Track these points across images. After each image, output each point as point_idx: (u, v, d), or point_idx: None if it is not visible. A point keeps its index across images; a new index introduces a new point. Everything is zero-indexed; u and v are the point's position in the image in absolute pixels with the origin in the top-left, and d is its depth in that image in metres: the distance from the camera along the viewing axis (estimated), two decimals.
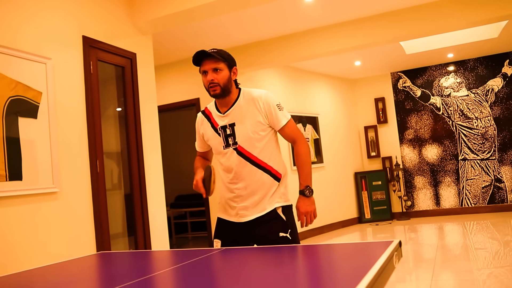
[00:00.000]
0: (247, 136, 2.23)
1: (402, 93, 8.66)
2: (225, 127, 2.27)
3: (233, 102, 2.29)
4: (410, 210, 8.49)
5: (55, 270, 1.90)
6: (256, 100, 2.25)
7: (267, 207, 2.24)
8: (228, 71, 2.26)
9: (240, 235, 2.27)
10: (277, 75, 7.34)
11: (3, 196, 2.93)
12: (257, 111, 2.24)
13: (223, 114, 2.29)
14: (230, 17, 5.12)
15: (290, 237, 2.23)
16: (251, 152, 2.23)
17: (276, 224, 2.23)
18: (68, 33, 3.62)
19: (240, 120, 2.24)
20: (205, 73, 2.25)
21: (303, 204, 2.26)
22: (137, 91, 4.26)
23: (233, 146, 2.25)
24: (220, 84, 2.22)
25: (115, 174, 4.30)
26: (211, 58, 2.22)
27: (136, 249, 4.11)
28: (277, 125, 2.27)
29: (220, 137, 2.29)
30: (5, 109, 3.00)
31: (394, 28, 5.56)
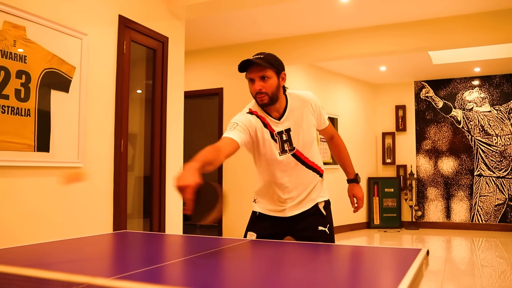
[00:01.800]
0: (304, 140, 2.19)
1: (424, 102, 8.60)
2: (281, 132, 2.16)
3: (284, 107, 2.17)
4: (420, 220, 8.46)
5: (80, 244, 1.93)
6: (309, 102, 2.20)
7: (310, 203, 2.27)
8: (276, 78, 2.09)
9: (277, 228, 2.25)
10: (301, 72, 7.32)
11: (30, 166, 2.97)
12: (311, 114, 2.20)
13: (279, 120, 2.17)
14: (262, 10, 5.11)
15: (328, 232, 2.26)
16: (306, 154, 2.22)
17: (317, 219, 2.27)
18: (105, 11, 3.65)
19: (296, 125, 2.18)
20: (251, 81, 2.10)
21: (358, 190, 2.40)
22: (166, 75, 4.29)
23: (290, 152, 2.18)
24: (268, 93, 2.07)
25: (136, 155, 4.33)
26: (258, 65, 2.06)
27: (151, 230, 4.15)
28: (323, 124, 2.30)
29: (276, 143, 2.17)
30: (39, 80, 3.04)
31: (424, 37, 5.53)
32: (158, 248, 1.94)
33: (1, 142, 2.78)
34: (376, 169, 8.92)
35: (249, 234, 2.28)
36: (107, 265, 1.56)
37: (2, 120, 2.78)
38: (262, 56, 2.07)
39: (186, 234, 2.35)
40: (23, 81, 2.92)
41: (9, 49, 2.85)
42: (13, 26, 2.88)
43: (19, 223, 2.89)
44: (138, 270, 1.29)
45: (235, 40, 6.24)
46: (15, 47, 2.88)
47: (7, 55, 2.83)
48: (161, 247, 1.99)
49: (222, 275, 1.42)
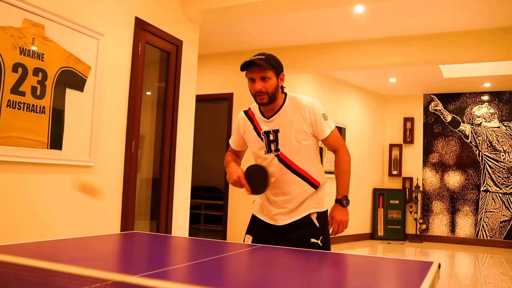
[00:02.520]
0: (290, 144, 2.20)
1: (432, 116, 8.59)
2: (269, 132, 2.23)
3: (278, 107, 2.23)
4: (424, 233, 8.43)
5: (92, 243, 1.94)
6: (303, 108, 2.21)
7: (302, 213, 2.25)
8: (276, 78, 2.18)
9: (273, 236, 2.27)
10: (310, 80, 7.34)
11: (42, 163, 2.99)
12: (303, 120, 2.20)
13: (268, 119, 2.24)
14: (275, 18, 5.13)
15: (321, 244, 2.24)
16: (293, 160, 2.22)
17: (309, 230, 2.24)
18: (122, 12, 3.68)
19: (285, 127, 2.21)
20: (252, 80, 2.18)
21: (338, 213, 2.25)
22: (178, 78, 4.31)
23: (275, 153, 2.22)
24: (268, 93, 2.15)
25: (144, 156, 4.35)
26: (259, 66, 2.14)
27: (157, 232, 4.16)
28: (321, 135, 2.24)
29: (262, 142, 2.25)
30: (55, 78, 3.07)
31: (435, 51, 5.53)
32: (169, 249, 1.95)
33: (16, 138, 2.80)
34: (382, 181, 8.90)
35: (246, 237, 2.33)
36: (125, 264, 1.57)
37: (17, 116, 2.81)
38: (263, 57, 2.16)
39: (192, 237, 2.35)
40: (39, 79, 2.95)
41: (28, 46, 2.88)
42: (32, 24, 2.91)
43: (28, 219, 2.91)
44: (156, 270, 1.30)
45: (247, 46, 6.27)
46: (33, 44, 2.91)
47: (25, 52, 2.86)
48: (171, 248, 1.99)
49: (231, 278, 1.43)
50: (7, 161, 2.76)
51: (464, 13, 4.85)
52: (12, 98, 2.78)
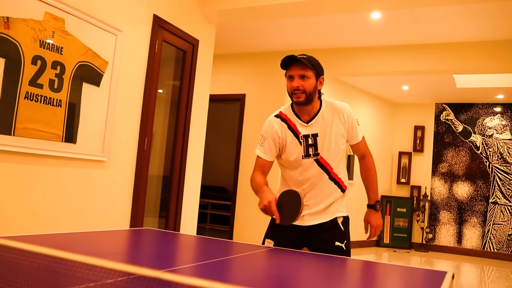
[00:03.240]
0: (330, 148, 2.19)
1: (444, 125, 8.55)
2: (308, 136, 2.19)
3: (316, 111, 2.20)
4: (430, 243, 8.38)
5: (104, 238, 1.95)
6: (341, 112, 2.21)
7: (329, 216, 2.25)
8: (315, 79, 2.15)
9: (295, 238, 2.25)
10: (324, 86, 7.32)
11: (56, 156, 3.01)
12: (341, 124, 2.21)
13: (307, 123, 2.20)
14: (291, 21, 5.13)
15: (345, 248, 2.25)
16: (331, 164, 2.21)
17: (334, 233, 2.25)
18: (141, 9, 3.70)
19: (324, 132, 2.19)
20: (291, 78, 2.15)
21: (373, 218, 2.30)
22: (193, 77, 4.32)
23: (314, 157, 2.20)
24: (306, 92, 2.12)
25: (155, 154, 4.36)
26: (300, 64, 2.12)
27: (166, 229, 4.17)
28: (355, 139, 2.27)
29: (301, 146, 2.20)
30: (73, 72, 3.08)
31: (450, 60, 5.51)
32: (181, 247, 1.95)
33: (32, 130, 2.82)
34: (390, 188, 8.87)
35: (267, 241, 2.28)
36: (140, 260, 1.57)
37: (34, 108, 2.83)
38: (305, 57, 2.14)
39: (204, 236, 2.35)
40: (57, 72, 2.97)
41: (48, 39, 2.90)
42: (53, 18, 2.93)
43: (40, 210, 2.93)
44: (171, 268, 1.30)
45: (262, 48, 6.28)
46: (53, 38, 2.93)
47: (45, 45, 2.89)
48: (184, 246, 2.00)
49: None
50: (22, 152, 2.78)
51: (479, 24, 4.83)
52: (30, 90, 2.81)
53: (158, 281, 0.85)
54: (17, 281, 0.93)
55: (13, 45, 2.70)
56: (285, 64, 2.16)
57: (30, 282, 0.92)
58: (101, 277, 0.83)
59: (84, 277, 0.79)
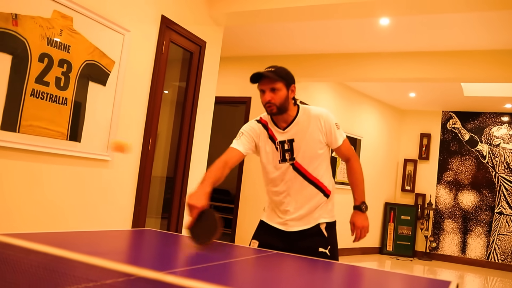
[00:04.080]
0: (305, 153, 2.24)
1: (450, 133, 8.50)
2: (284, 142, 2.26)
3: (292, 118, 2.26)
4: (434, 252, 8.32)
5: (106, 237, 1.94)
6: (317, 118, 2.25)
7: (311, 222, 2.28)
8: (285, 90, 2.21)
9: (280, 242, 2.28)
10: (329, 90, 7.32)
11: (60, 154, 3.00)
12: (318, 130, 2.25)
13: (283, 130, 2.27)
14: (299, 25, 5.12)
15: (329, 254, 2.26)
16: (307, 168, 2.25)
17: (317, 240, 2.27)
18: (149, 10, 3.70)
19: (300, 137, 2.24)
20: (262, 92, 2.21)
21: (359, 219, 2.30)
22: (200, 79, 4.31)
23: (290, 162, 2.26)
24: (276, 104, 2.18)
25: (158, 155, 4.35)
26: (269, 78, 2.18)
27: (168, 230, 4.15)
28: (335, 144, 2.29)
29: (277, 151, 2.28)
30: (79, 71, 3.08)
31: (458, 68, 5.48)
32: (181, 249, 1.93)
33: (37, 127, 2.82)
34: (395, 195, 8.83)
35: (252, 242, 2.34)
36: (140, 261, 1.56)
37: (40, 106, 2.83)
38: (273, 69, 2.20)
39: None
40: (64, 70, 2.97)
41: (55, 37, 2.90)
42: (61, 16, 2.93)
43: (43, 208, 2.92)
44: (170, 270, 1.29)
45: (269, 51, 6.27)
46: (61, 36, 2.93)
47: (53, 43, 2.88)
48: (184, 248, 1.98)
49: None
50: (27, 149, 2.78)
51: (490, 32, 4.80)
52: (37, 87, 2.80)
53: (157, 283, 0.83)
54: (17, 279, 0.92)
55: (20, 42, 2.70)
56: (255, 79, 2.20)
57: (30, 280, 0.91)
58: (100, 277, 0.81)
59: (84, 276, 0.78)
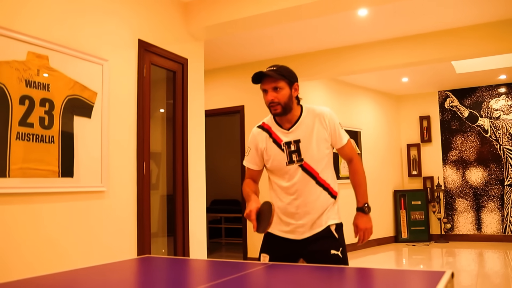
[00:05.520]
0: (313, 153, 2.21)
1: (449, 112, 8.46)
2: (290, 143, 2.22)
3: (296, 118, 2.24)
4: (449, 233, 8.26)
5: (101, 272, 1.95)
6: (322, 117, 2.23)
7: (322, 225, 2.23)
8: (288, 88, 2.19)
9: (290, 250, 2.24)
10: (321, 87, 7.31)
11: (54, 192, 3.02)
12: (323, 128, 2.22)
13: (288, 130, 2.24)
14: (278, 29, 5.13)
15: (341, 255, 2.22)
16: (316, 169, 2.21)
17: (329, 242, 2.23)
18: (125, 36, 3.72)
19: (306, 137, 2.21)
20: (265, 92, 2.20)
21: (362, 221, 2.28)
22: (186, 96, 4.33)
23: (298, 163, 2.21)
24: (281, 103, 2.16)
25: (158, 173, 4.37)
26: (271, 77, 2.16)
27: (175, 249, 4.16)
28: (339, 143, 2.27)
29: (283, 153, 2.23)
30: (62, 107, 3.11)
31: (446, 48, 5.45)
32: (181, 274, 1.94)
33: (27, 169, 2.84)
34: (402, 182, 8.78)
35: (262, 256, 2.29)
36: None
37: (27, 148, 2.85)
38: (274, 68, 2.18)
39: (206, 259, 2.34)
40: (46, 109, 2.99)
41: (33, 78, 2.93)
42: (36, 56, 2.96)
43: (45, 249, 2.94)
44: None
45: (253, 58, 6.29)
46: (38, 76, 2.96)
47: (31, 84, 2.91)
48: (183, 273, 1.99)
49: None
50: (20, 192, 2.80)
51: (469, 7, 4.77)
52: (21, 130, 2.83)
53: None
54: None
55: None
56: (257, 79, 2.18)
57: None
58: None
59: None
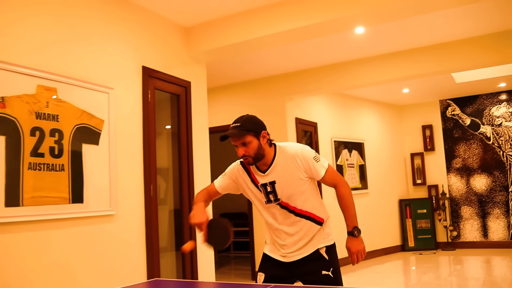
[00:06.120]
0: (289, 193, 2.34)
1: (451, 121, 8.53)
2: (266, 184, 2.36)
3: (271, 160, 2.35)
4: (456, 240, 8.30)
5: None
6: (294, 157, 2.33)
7: (311, 249, 2.38)
8: (256, 140, 2.29)
9: (284, 272, 2.40)
10: (324, 100, 7.42)
11: (65, 218, 3.15)
12: (296, 169, 2.32)
13: (264, 173, 2.36)
14: (278, 47, 5.25)
15: (332, 275, 2.34)
16: (294, 205, 2.35)
17: (319, 263, 2.37)
18: (129, 64, 3.86)
19: (281, 178, 2.33)
20: (236, 147, 2.32)
21: (353, 244, 2.36)
22: (190, 116, 4.47)
23: (275, 202, 2.36)
24: (251, 155, 2.28)
25: (166, 189, 4.50)
26: (235, 135, 2.27)
27: (183, 263, 4.27)
28: (317, 176, 2.37)
29: (261, 193, 2.38)
30: (71, 136, 3.24)
31: (445, 60, 5.53)
32: None
33: (39, 197, 2.97)
34: (407, 191, 8.84)
35: (258, 274, 2.45)
36: None
37: (38, 177, 2.99)
38: (238, 125, 2.28)
39: (209, 282, 2.45)
40: (56, 139, 3.13)
41: (43, 110, 3.07)
42: (45, 89, 3.10)
43: (58, 274, 3.06)
44: None
45: (255, 75, 6.42)
46: (48, 108, 3.10)
47: (41, 116, 3.05)
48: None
49: None
50: (33, 220, 2.93)
51: (464, 21, 4.88)
52: (32, 160, 2.96)
53: None
54: None
55: (11, 122, 2.87)
56: (224, 139, 2.30)
57: None
58: None
59: None
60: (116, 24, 3.77)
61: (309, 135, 6.94)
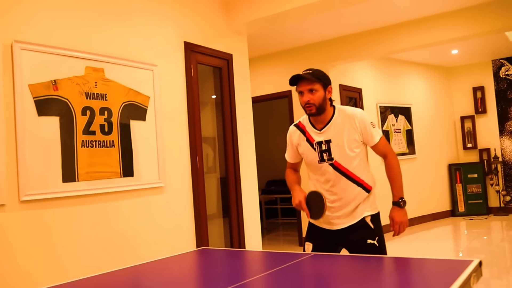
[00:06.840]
0: (343, 153, 2.38)
1: (504, 81, 8.17)
2: (321, 143, 2.41)
3: (328, 119, 2.41)
4: (509, 205, 8.08)
5: (162, 266, 2.21)
6: (352, 118, 2.38)
7: (357, 217, 2.43)
8: (323, 90, 2.37)
9: (330, 240, 2.47)
10: (368, 66, 7.29)
11: (118, 191, 3.35)
12: (353, 129, 2.38)
13: (320, 131, 2.42)
14: (322, 14, 5.18)
15: (378, 244, 2.40)
16: (347, 167, 2.39)
17: (365, 232, 2.42)
18: (172, 41, 3.96)
19: (336, 137, 2.38)
20: (301, 93, 2.38)
21: (397, 215, 2.42)
22: (233, 89, 4.55)
23: (329, 162, 2.40)
24: (315, 104, 2.34)
25: (214, 157, 4.66)
26: (307, 79, 2.34)
27: (230, 230, 4.45)
28: (371, 142, 2.42)
29: (315, 152, 2.43)
30: (119, 113, 3.41)
31: (497, 19, 5.26)
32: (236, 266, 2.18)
33: (93, 172, 3.18)
34: (457, 155, 8.63)
35: (306, 244, 2.53)
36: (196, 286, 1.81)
37: (91, 153, 3.18)
38: (310, 72, 2.36)
39: (255, 250, 2.57)
40: (105, 117, 3.30)
41: (92, 90, 3.23)
42: (93, 70, 3.26)
43: (113, 244, 3.28)
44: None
45: (298, 42, 6.38)
46: (96, 88, 3.26)
47: (91, 95, 3.22)
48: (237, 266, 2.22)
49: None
50: (88, 194, 3.14)
51: None
52: (85, 138, 3.15)
53: None
54: None
55: (63, 103, 3.05)
56: (294, 81, 2.37)
57: None
58: None
59: None
60: (156, 1, 3.85)
61: (353, 102, 6.88)
